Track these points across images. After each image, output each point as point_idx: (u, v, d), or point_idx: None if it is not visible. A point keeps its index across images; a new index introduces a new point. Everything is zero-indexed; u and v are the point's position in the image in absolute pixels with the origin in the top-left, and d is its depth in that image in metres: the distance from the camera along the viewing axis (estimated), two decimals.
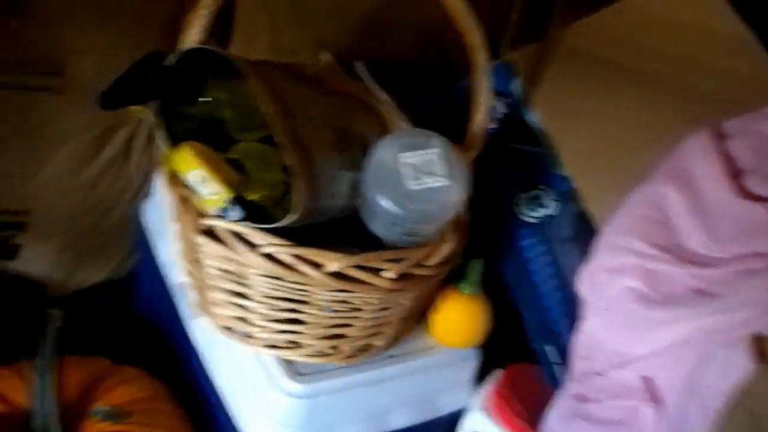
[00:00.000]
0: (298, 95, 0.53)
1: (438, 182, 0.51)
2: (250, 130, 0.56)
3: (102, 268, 0.90)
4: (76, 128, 0.77)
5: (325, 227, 0.55)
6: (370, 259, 0.51)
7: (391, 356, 0.63)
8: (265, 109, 0.48)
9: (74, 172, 0.80)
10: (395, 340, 0.62)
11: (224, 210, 0.46)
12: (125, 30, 0.74)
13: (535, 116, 0.67)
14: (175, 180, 0.54)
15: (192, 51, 0.50)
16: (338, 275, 0.51)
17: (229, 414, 0.60)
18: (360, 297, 0.53)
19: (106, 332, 0.79)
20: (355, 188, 0.55)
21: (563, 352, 0.60)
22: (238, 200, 0.46)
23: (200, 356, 0.65)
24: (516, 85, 0.69)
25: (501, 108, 0.68)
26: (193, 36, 0.54)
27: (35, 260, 0.84)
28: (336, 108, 0.58)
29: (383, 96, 0.64)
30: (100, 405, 0.58)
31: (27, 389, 0.58)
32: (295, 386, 0.56)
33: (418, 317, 0.63)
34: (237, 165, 0.49)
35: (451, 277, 0.62)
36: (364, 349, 0.60)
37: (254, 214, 0.48)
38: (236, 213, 0.46)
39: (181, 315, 0.68)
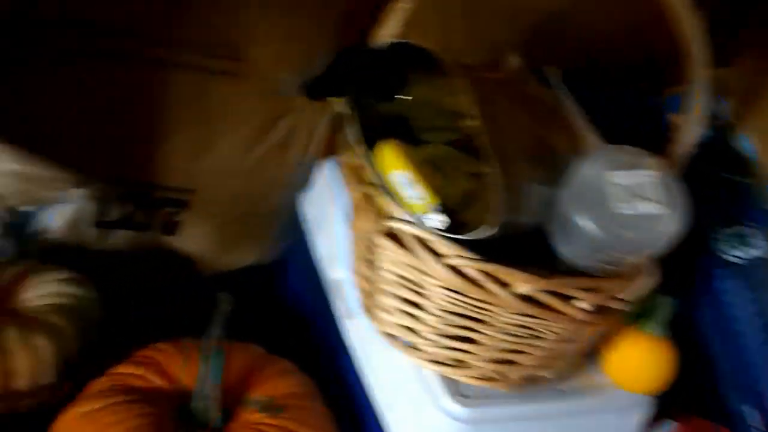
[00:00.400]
0: (496, 99, 0.50)
1: (653, 208, 0.45)
2: (436, 132, 0.54)
3: (251, 252, 0.92)
4: (247, 113, 0.79)
5: (506, 243, 0.51)
6: (565, 285, 0.47)
7: (559, 391, 0.58)
8: (470, 111, 0.44)
9: (239, 156, 0.82)
10: (565, 375, 0.57)
11: (427, 216, 0.43)
12: (303, 21, 0.74)
13: (745, 142, 0.59)
14: (358, 176, 0.53)
15: (397, 45, 0.48)
16: (526, 298, 0.47)
17: (381, 423, 0.57)
18: (544, 324, 0.49)
19: (251, 317, 0.79)
20: (546, 205, 0.51)
21: (765, 416, 0.52)
22: (443, 208, 0.43)
23: (353, 357, 0.63)
24: (723, 106, 0.61)
25: (705, 130, 0.61)
26: (390, 30, 0.52)
27: (191, 239, 0.87)
28: (531, 116, 0.53)
29: (575, 107, 0.59)
30: (258, 395, 0.57)
31: (189, 369, 0.59)
32: (457, 408, 0.53)
33: (593, 353, 0.58)
34: (434, 169, 0.46)
35: (634, 314, 0.56)
36: (533, 380, 0.55)
37: (452, 223, 0.45)
38: (438, 221, 0.43)
39: (334, 311, 0.67)
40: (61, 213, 0.79)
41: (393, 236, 0.49)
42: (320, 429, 0.57)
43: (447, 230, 0.45)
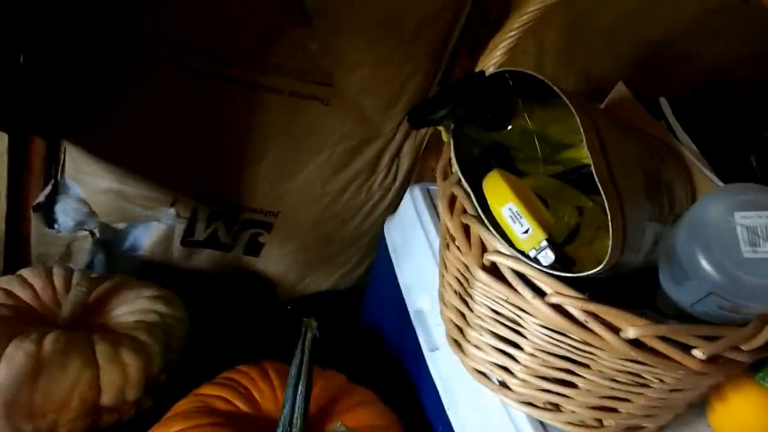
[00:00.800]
0: (605, 129, 0.47)
1: None
2: (536, 163, 0.52)
3: (330, 276, 0.92)
4: (335, 138, 0.79)
5: (611, 284, 0.48)
6: (680, 331, 0.43)
7: None
8: (576, 141, 0.42)
9: (324, 181, 0.82)
10: (666, 425, 0.53)
11: (537, 252, 0.41)
12: (395, 48, 0.74)
13: None
14: (454, 205, 0.51)
15: (504, 73, 0.46)
16: (636, 343, 0.44)
17: None
18: (654, 373, 0.46)
19: (329, 343, 0.78)
20: (657, 243, 0.48)
21: None
22: (552, 243, 0.41)
23: (437, 392, 0.60)
24: None
25: None
26: (496, 58, 0.51)
27: (273, 260, 0.88)
28: (641, 148, 0.51)
29: (686, 139, 0.56)
30: (340, 425, 0.56)
31: (272, 393, 0.58)
32: None
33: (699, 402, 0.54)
34: (541, 201, 0.44)
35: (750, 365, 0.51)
36: (633, 429, 0.52)
37: (559, 259, 0.43)
38: (548, 257, 0.41)
39: (417, 342, 0.65)
40: (152, 231, 0.81)
41: (492, 270, 0.47)
42: None
43: (554, 266, 0.43)
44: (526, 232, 0.41)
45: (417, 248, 0.70)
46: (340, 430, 0.56)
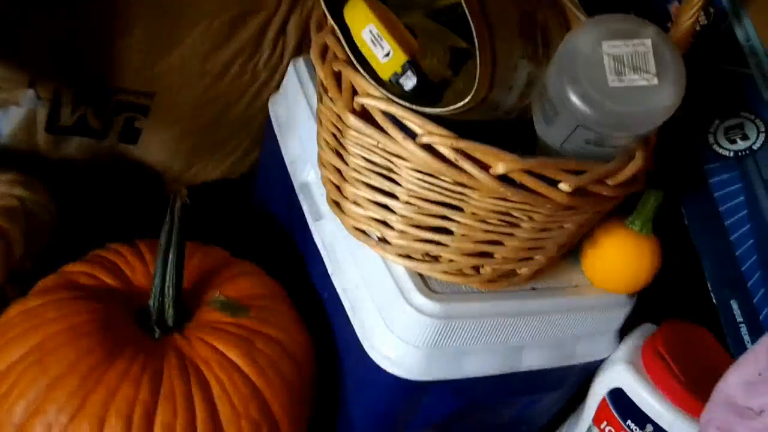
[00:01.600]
0: None
1: (648, 80, 0.41)
2: (413, 8, 0.49)
3: (220, 164, 0.87)
4: (211, 8, 0.73)
5: (483, 129, 0.47)
6: (548, 165, 0.43)
7: (534, 289, 0.55)
8: None
9: (203, 58, 0.76)
10: (541, 272, 0.55)
11: (398, 75, 0.39)
12: None
13: (745, 31, 0.55)
14: (324, 53, 0.48)
15: None
16: (506, 180, 0.43)
17: (350, 324, 0.54)
18: (524, 210, 0.46)
19: (220, 228, 0.75)
20: (531, 85, 0.47)
21: (753, 310, 0.50)
22: (414, 66, 0.39)
23: (322, 259, 0.59)
24: None
25: (701, 19, 0.57)
26: None
27: (154, 147, 0.82)
28: None
29: None
30: (218, 295, 0.54)
31: (144, 268, 0.55)
32: (428, 304, 0.50)
33: (568, 249, 0.55)
34: (410, 32, 0.41)
35: (617, 209, 0.53)
36: (508, 275, 0.53)
37: (424, 88, 0.41)
38: (411, 80, 0.39)
39: (303, 215, 0.63)
40: (11, 116, 0.73)
41: (363, 115, 0.45)
42: (284, 329, 0.54)
43: (420, 91, 0.41)
44: (387, 54, 0.39)
45: (301, 121, 0.67)
46: (219, 299, 0.54)
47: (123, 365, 0.46)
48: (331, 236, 0.59)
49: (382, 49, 0.38)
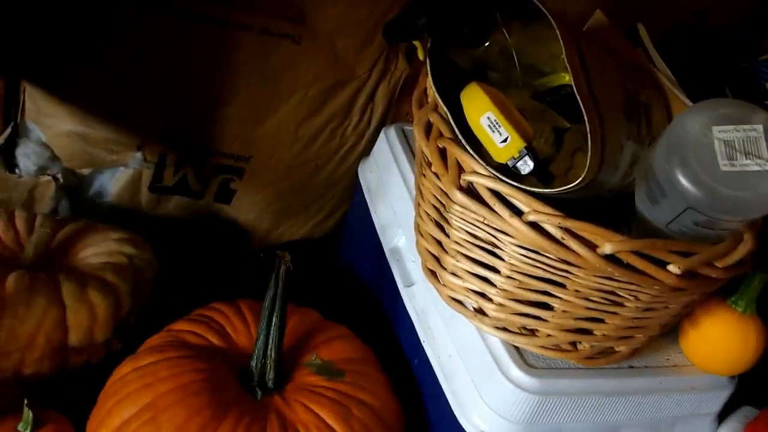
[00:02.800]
0: (590, 50, 0.47)
1: (761, 165, 0.41)
2: (517, 86, 0.51)
3: (304, 225, 0.90)
4: (308, 79, 0.77)
5: (581, 204, 0.48)
6: (656, 246, 0.43)
7: (631, 367, 0.54)
8: (569, 58, 0.41)
9: (297, 124, 0.80)
10: (639, 350, 0.54)
11: (516, 160, 0.40)
12: None
13: None
14: (430, 131, 0.50)
15: None
16: (613, 259, 0.44)
17: (442, 393, 0.55)
18: (630, 290, 0.46)
19: (306, 288, 0.77)
20: (634, 164, 0.48)
21: None
22: (532, 151, 0.40)
23: (413, 325, 0.60)
24: None
25: None
26: None
27: (246, 207, 0.86)
28: (621, 71, 0.50)
29: (663, 65, 0.55)
30: (314, 357, 0.56)
31: (246, 329, 0.57)
32: (525, 378, 0.50)
33: (671, 329, 0.54)
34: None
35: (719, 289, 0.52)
36: (606, 353, 0.52)
37: (539, 172, 0.42)
38: (528, 165, 0.41)
39: (393, 280, 0.65)
40: (119, 177, 0.78)
41: (469, 192, 0.47)
42: (377, 395, 0.55)
43: (535, 175, 0.42)
44: (505, 140, 0.40)
45: (392, 187, 0.69)
46: (315, 363, 0.56)
47: (229, 426, 0.47)
48: (423, 303, 0.60)
49: (500, 135, 0.40)
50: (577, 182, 0.42)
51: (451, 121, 0.46)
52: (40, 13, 0.64)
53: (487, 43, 0.47)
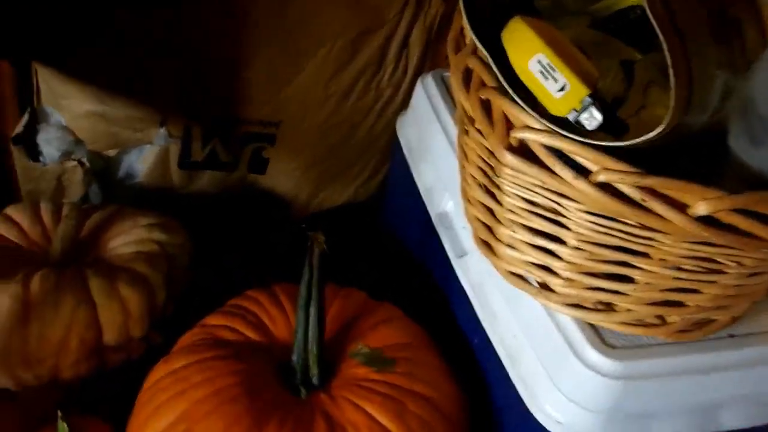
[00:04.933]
0: None
1: None
2: (570, 14, 0.42)
3: (346, 189, 0.84)
4: (332, 31, 0.69)
5: (662, 154, 0.39)
6: (761, 200, 0.34)
7: (731, 336, 0.46)
8: None
9: (326, 81, 0.73)
10: (738, 317, 0.46)
11: (578, 113, 0.32)
12: None
13: None
14: (471, 81, 0.42)
15: None
16: (709, 221, 0.35)
17: (508, 378, 0.48)
18: (731, 255, 0.37)
19: (349, 259, 0.71)
20: (727, 97, 0.38)
21: None
22: (598, 100, 0.32)
23: (468, 301, 0.54)
24: None
25: None
26: None
27: (282, 176, 0.80)
28: None
29: None
30: (361, 346, 0.50)
31: (284, 318, 0.52)
32: (604, 362, 0.43)
33: None
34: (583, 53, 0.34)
35: None
36: (702, 324, 0.44)
37: (609, 120, 0.34)
38: (595, 118, 0.32)
39: (443, 249, 0.58)
40: (146, 155, 0.74)
41: (522, 151, 0.39)
42: (435, 385, 0.49)
43: (605, 130, 0.34)
44: (563, 88, 0.32)
45: (435, 145, 0.61)
46: (363, 352, 0.50)
47: None
48: (478, 276, 0.53)
49: (555, 82, 0.32)
50: (657, 131, 0.33)
51: (494, 67, 0.38)
52: None
53: None
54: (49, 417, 0.52)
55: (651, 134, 0.33)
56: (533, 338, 0.47)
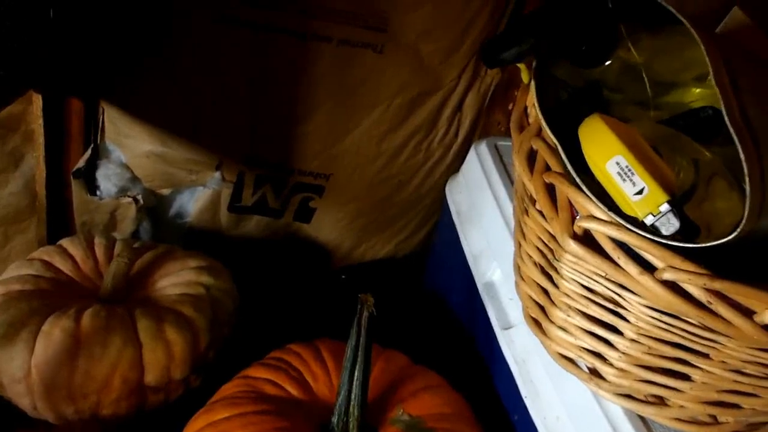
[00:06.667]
0: (739, 61, 0.37)
1: None
2: (637, 108, 0.42)
3: (388, 243, 0.85)
4: (391, 90, 0.71)
5: (729, 256, 0.38)
6: None
7: None
8: (717, 77, 0.33)
9: (379, 139, 0.74)
10: None
11: (656, 218, 0.32)
12: None
13: None
14: (535, 161, 0.42)
15: None
16: None
17: None
18: None
19: (389, 315, 0.71)
20: None
21: None
22: (676, 207, 0.32)
23: (511, 375, 0.53)
24: None
25: None
26: None
27: (327, 226, 0.81)
28: None
29: None
30: (402, 413, 0.50)
31: (326, 377, 0.52)
32: None
33: None
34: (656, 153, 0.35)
35: None
36: (755, 427, 0.43)
37: (685, 227, 0.34)
38: (672, 225, 0.32)
39: (487, 318, 0.58)
40: (198, 197, 0.76)
41: (585, 239, 0.39)
42: None
43: (677, 236, 0.34)
44: (640, 192, 0.32)
45: (485, 212, 0.62)
46: (403, 419, 0.50)
47: None
48: (523, 350, 0.53)
49: (633, 185, 0.32)
50: (732, 236, 0.33)
51: (563, 155, 0.38)
52: (115, 28, 0.62)
53: (608, 62, 0.39)
54: None
55: (724, 239, 0.33)
56: (578, 423, 0.46)
